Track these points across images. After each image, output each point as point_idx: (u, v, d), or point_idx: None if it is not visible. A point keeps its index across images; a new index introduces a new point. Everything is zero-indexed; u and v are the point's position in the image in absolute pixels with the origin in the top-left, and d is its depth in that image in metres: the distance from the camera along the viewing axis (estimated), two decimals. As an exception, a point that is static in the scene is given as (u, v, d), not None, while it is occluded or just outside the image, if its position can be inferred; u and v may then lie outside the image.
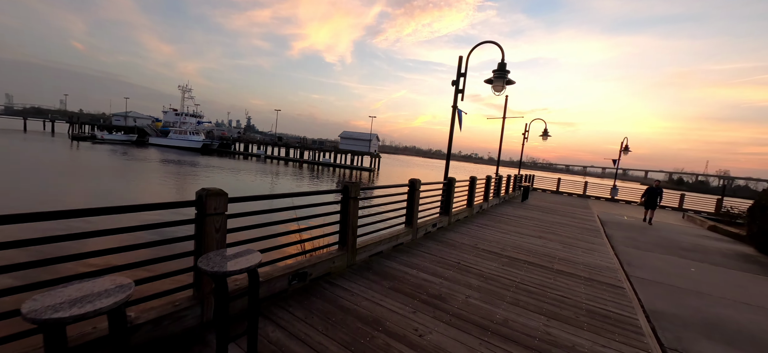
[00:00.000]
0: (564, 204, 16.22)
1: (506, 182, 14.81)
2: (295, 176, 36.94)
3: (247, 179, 28.70)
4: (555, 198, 18.84)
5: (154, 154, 48.77)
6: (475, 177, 9.67)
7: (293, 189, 26.23)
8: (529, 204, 14.10)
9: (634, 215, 14.95)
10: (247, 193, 4.80)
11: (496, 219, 9.76)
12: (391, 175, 55.77)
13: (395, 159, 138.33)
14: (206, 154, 62.68)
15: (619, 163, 22.27)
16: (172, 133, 74.22)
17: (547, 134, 17.38)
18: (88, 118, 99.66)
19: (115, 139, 70.11)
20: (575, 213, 13.08)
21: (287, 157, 67.13)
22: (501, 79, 7.66)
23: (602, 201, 21.50)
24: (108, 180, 21.28)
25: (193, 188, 20.71)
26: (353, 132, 67.34)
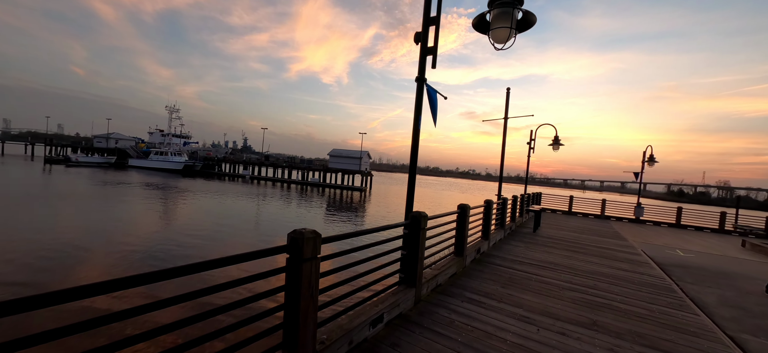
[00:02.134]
0: (586, 231, 12.44)
1: (512, 206, 11.06)
2: (283, 198, 33.03)
3: (217, 205, 24.72)
4: (571, 222, 15.07)
5: (128, 176, 44.95)
6: (466, 206, 5.90)
7: (282, 213, 22.55)
8: (543, 236, 10.32)
9: (677, 244, 11.20)
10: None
11: (503, 275, 5.94)
12: (386, 194, 51.93)
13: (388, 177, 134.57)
14: (188, 175, 58.93)
15: (642, 176, 18.65)
16: (152, 155, 70.55)
17: (559, 142, 13.83)
18: (70, 140, 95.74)
19: (92, 162, 66.21)
20: (611, 248, 9.29)
21: (274, 178, 63.39)
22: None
23: (625, 222, 17.74)
24: (44, 209, 17.39)
25: (145, 221, 16.77)
26: (343, 149, 63.96)
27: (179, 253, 11.51)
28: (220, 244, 13.43)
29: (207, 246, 12.81)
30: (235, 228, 16.96)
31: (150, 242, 12.65)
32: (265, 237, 15.98)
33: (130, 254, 10.88)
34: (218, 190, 35.36)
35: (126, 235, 13.48)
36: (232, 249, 12.93)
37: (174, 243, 12.85)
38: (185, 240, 13.39)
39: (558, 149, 13.92)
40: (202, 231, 15.41)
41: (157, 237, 13.63)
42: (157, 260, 10.52)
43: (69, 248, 11.09)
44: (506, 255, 7.39)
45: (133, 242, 12.45)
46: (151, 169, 66.01)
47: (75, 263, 9.89)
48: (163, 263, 10.27)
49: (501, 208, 9.21)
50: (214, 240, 13.97)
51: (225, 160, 73.92)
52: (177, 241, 13.12)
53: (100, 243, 12.11)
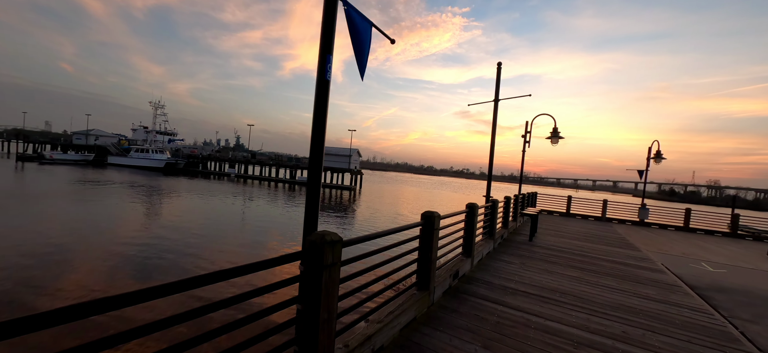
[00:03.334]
0: (591, 237, 10.64)
1: (504, 210, 9.19)
2: (267, 198, 30.71)
3: (194, 207, 22.47)
4: (571, 226, 13.30)
5: (103, 175, 42.38)
6: (433, 215, 3.96)
7: (266, 214, 20.24)
8: (541, 245, 8.48)
9: (697, 253, 9.46)
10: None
11: (486, 320, 4.01)
12: (375, 193, 49.99)
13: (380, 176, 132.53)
14: (170, 174, 56.34)
15: (647, 175, 16.97)
16: (132, 152, 67.64)
17: (558, 135, 12.00)
18: (49, 136, 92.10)
19: (68, 159, 63.15)
20: (625, 262, 7.47)
21: (261, 176, 61.08)
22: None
23: (629, 225, 16.05)
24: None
25: (102, 226, 14.41)
26: (331, 147, 61.70)
27: (121, 275, 9.19)
28: (188, 259, 10.94)
29: (161, 266, 10.09)
30: (209, 236, 14.32)
31: (88, 255, 10.46)
32: (247, 247, 13.32)
33: (28, 275, 8.70)
34: (199, 190, 32.97)
35: (53, 244, 11.28)
36: (203, 263, 10.63)
37: (121, 256, 10.56)
38: (135, 253, 10.95)
39: (557, 143, 12.10)
40: (162, 241, 12.66)
41: (103, 247, 11.42)
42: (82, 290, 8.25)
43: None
44: (494, 278, 5.49)
45: (53, 252, 10.28)
46: (131, 167, 63.21)
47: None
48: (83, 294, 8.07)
49: (489, 213, 7.32)
50: (179, 254, 11.27)
51: (210, 158, 71.24)
52: (124, 255, 10.82)
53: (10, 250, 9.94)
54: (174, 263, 10.15)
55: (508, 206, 9.26)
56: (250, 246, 13.50)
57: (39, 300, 7.13)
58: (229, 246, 12.86)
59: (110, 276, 8.74)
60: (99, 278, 8.61)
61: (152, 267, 9.67)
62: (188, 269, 9.80)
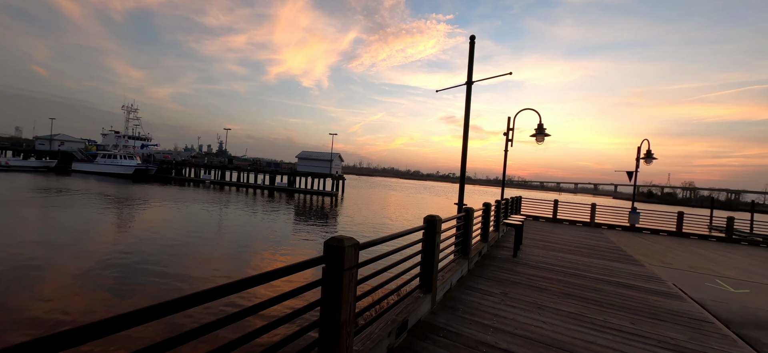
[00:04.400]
0: (584, 248, 9.21)
1: (482, 220, 7.61)
2: (244, 207, 28.34)
3: (153, 220, 20.00)
4: (559, 233, 11.89)
5: (64, 182, 38.98)
6: (340, 249, 2.23)
7: (241, 226, 17.84)
8: (527, 263, 6.94)
9: (704, 266, 8.15)
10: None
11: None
12: (357, 199, 48.11)
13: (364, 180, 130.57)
14: (140, 181, 52.93)
15: (636, 177, 15.86)
16: (99, 158, 63.60)
17: (544, 131, 10.60)
18: (9, 142, 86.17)
19: (27, 166, 58.72)
20: (631, 283, 5.99)
21: (239, 183, 58.30)
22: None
23: (619, 231, 14.85)
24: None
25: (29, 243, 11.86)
26: (312, 152, 59.58)
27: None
28: (150, 281, 9.01)
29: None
30: (174, 255, 11.88)
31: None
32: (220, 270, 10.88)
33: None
34: (169, 197, 30.30)
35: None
36: (166, 288, 8.54)
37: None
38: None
39: (542, 141, 10.68)
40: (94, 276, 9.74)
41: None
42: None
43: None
44: (464, 322, 3.84)
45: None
46: (97, 174, 59.28)
47: None
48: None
49: (463, 227, 5.70)
50: (130, 276, 9.31)
51: (185, 164, 67.76)
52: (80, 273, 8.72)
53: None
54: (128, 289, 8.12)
55: (487, 215, 7.68)
56: (227, 267, 11.32)
57: None
58: (192, 271, 10.58)
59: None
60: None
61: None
62: (148, 294, 7.94)
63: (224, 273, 10.57)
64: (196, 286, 9.14)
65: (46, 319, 6.75)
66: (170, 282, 9.12)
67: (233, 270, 10.99)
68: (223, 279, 8.03)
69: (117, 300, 7.85)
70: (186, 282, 9.36)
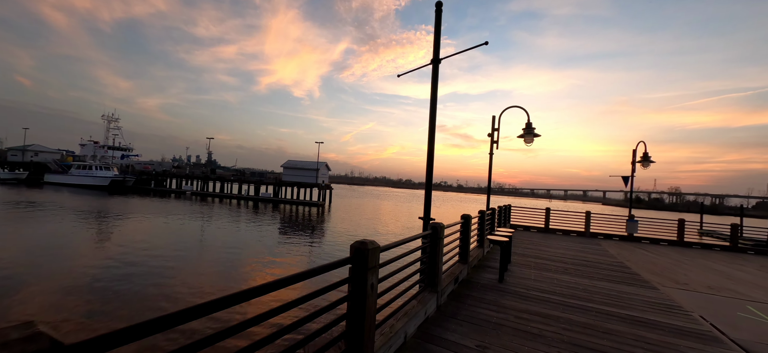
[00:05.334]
0: (584, 268, 7.84)
1: (461, 238, 6.18)
2: (226, 219, 26.41)
3: (119, 236, 17.98)
4: (553, 246, 10.53)
5: (33, 195, 36.45)
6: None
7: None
8: (516, 292, 5.50)
9: (725, 285, 6.86)
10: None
11: None
12: (346, 209, 46.45)
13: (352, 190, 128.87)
14: (117, 193, 50.42)
15: (632, 182, 14.72)
16: (73, 169, 60.68)
17: (532, 131, 9.31)
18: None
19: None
20: (653, 323, 4.59)
21: (222, 193, 56.08)
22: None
23: (616, 241, 13.63)
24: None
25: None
26: (298, 161, 57.85)
27: None
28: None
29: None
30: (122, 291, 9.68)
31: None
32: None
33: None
34: (139, 210, 28.12)
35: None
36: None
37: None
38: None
39: (531, 141, 9.40)
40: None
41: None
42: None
43: None
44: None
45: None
46: (71, 186, 56.44)
47: None
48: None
49: (429, 248, 4.26)
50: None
51: (166, 175, 65.13)
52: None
53: None
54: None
55: (467, 230, 6.24)
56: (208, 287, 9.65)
57: None
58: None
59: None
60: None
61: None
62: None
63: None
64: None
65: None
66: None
67: (220, 287, 10.15)
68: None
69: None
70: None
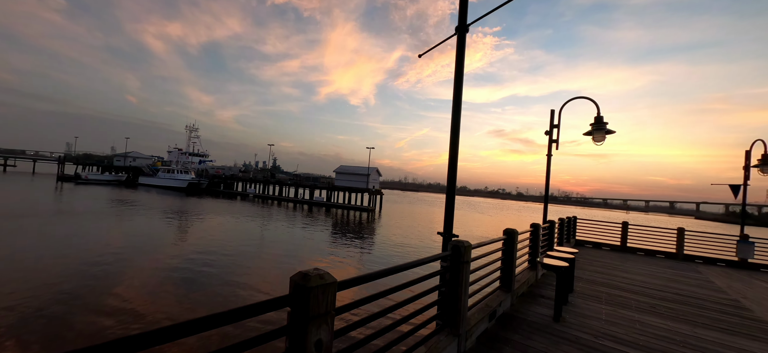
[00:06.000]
0: (678, 305, 5.85)
1: (503, 255, 4.89)
2: (288, 219, 28.28)
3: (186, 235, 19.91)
4: (634, 276, 8.35)
5: (130, 195, 42.70)
6: None
7: (299, 242, 17.40)
8: (577, 341, 4.08)
9: None
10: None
11: None
12: (397, 215, 45.90)
13: (404, 196, 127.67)
14: (192, 194, 56.50)
15: (746, 192, 11.47)
16: (160, 173, 69.40)
17: (604, 127, 7.46)
18: (95, 159, 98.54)
19: (102, 180, 65.85)
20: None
21: (279, 196, 59.42)
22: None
23: (723, 267, 10.66)
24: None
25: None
26: (350, 166, 58.80)
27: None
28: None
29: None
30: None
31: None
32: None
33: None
34: (213, 211, 31.29)
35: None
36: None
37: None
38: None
39: (603, 139, 7.56)
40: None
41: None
42: None
43: None
44: None
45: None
46: (157, 187, 64.60)
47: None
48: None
49: (450, 274, 3.15)
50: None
51: (233, 178, 71.31)
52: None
53: None
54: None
55: (511, 249, 4.91)
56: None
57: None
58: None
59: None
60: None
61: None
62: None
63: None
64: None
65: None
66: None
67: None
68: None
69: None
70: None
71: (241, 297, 9.77)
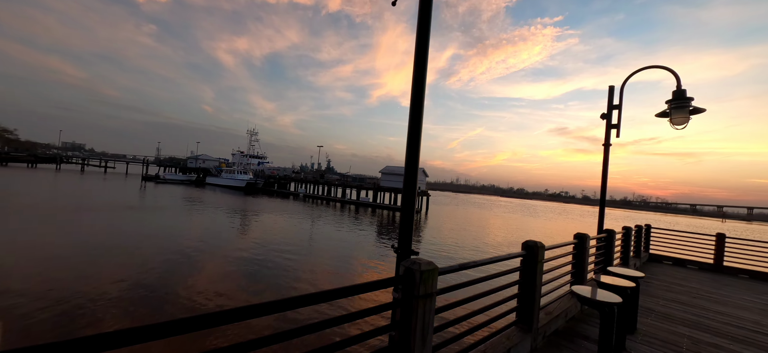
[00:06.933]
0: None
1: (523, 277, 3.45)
2: (334, 221, 29.01)
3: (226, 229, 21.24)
4: (736, 311, 6.03)
5: (197, 193, 47.63)
6: None
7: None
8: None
9: None
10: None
11: None
12: (445, 217, 44.13)
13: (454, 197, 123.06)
14: (250, 193, 60.67)
15: None
16: (223, 173, 75.69)
17: (688, 103, 5.44)
18: (172, 162, 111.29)
19: (176, 179, 73.80)
20: None
21: (327, 196, 60.94)
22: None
23: None
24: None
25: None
26: (395, 167, 58.06)
27: None
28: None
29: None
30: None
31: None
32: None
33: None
34: (268, 209, 33.37)
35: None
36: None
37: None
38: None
39: (686, 121, 5.54)
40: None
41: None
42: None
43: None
44: None
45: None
46: (221, 186, 70.48)
47: None
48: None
49: (402, 322, 1.97)
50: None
51: (286, 179, 75.12)
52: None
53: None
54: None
55: (531, 272, 3.46)
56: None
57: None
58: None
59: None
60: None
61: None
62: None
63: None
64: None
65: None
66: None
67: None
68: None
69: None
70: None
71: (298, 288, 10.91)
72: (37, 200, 24.71)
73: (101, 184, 47.80)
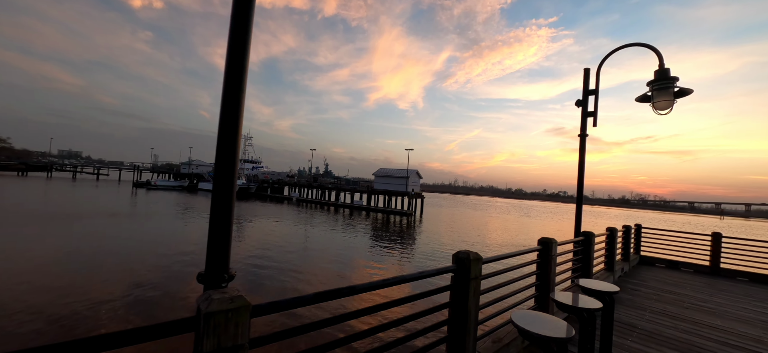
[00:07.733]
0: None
1: (455, 296, 2.63)
2: (328, 225, 28.22)
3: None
4: (730, 321, 5.21)
5: (184, 199, 46.42)
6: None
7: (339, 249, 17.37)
8: None
9: None
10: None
11: None
12: (441, 220, 43.27)
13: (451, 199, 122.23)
14: (242, 198, 59.61)
15: None
16: (215, 179, 74.77)
17: (672, 85, 4.67)
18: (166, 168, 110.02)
19: (168, 186, 72.65)
20: None
21: (321, 200, 60.02)
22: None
23: None
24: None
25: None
26: (389, 169, 57.34)
27: None
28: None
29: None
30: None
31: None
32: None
33: None
34: (261, 214, 32.59)
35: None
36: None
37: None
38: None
39: (669, 105, 4.75)
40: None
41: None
42: None
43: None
44: None
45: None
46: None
47: None
48: None
49: None
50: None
51: (280, 183, 74.16)
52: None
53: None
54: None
55: (462, 291, 2.63)
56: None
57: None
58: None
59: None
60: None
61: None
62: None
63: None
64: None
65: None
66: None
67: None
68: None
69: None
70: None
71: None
72: (11, 208, 23.81)
73: (90, 192, 46.69)
